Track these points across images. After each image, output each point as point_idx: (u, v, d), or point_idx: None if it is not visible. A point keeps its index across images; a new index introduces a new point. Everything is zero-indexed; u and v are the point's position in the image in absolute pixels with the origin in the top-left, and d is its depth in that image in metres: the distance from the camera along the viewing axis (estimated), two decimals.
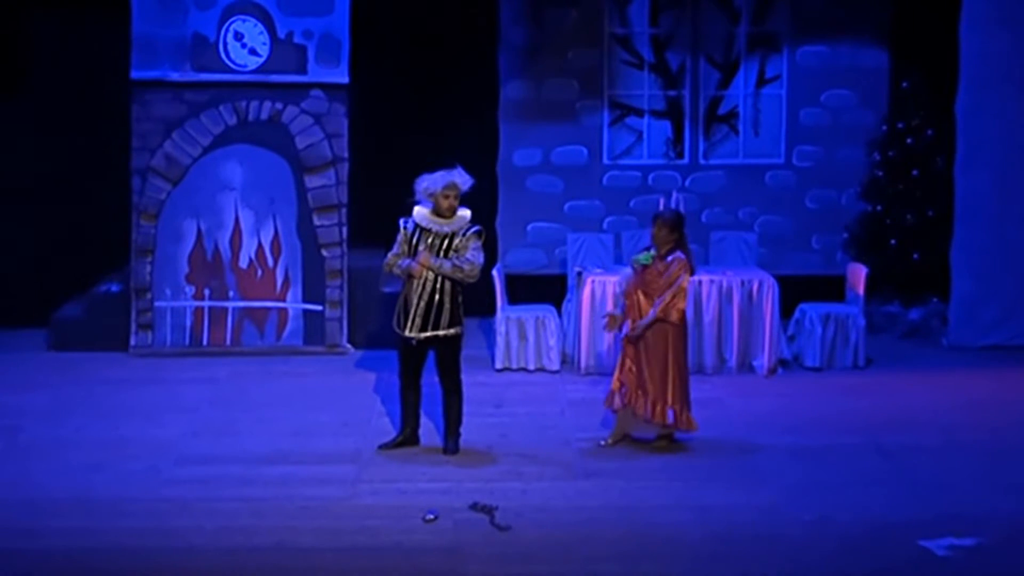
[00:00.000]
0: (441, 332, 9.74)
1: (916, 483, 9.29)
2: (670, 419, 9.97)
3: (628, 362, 10.07)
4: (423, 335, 9.73)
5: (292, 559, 7.98)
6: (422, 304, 9.71)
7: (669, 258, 9.95)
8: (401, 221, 9.91)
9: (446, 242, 9.72)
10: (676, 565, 7.92)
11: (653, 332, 9.96)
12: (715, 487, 9.22)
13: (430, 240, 9.73)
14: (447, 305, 9.74)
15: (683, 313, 10.03)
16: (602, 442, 10.19)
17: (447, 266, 9.68)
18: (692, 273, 10.07)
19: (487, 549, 8.13)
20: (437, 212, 9.76)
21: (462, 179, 9.75)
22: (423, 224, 9.78)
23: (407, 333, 9.75)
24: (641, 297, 10.00)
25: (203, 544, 8.20)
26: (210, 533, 8.37)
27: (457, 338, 9.83)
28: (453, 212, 9.75)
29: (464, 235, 9.75)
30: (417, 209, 9.84)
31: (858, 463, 9.74)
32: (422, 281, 9.71)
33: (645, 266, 9.94)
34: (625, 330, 10.13)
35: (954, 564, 7.92)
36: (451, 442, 9.90)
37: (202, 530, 8.41)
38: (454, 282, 9.73)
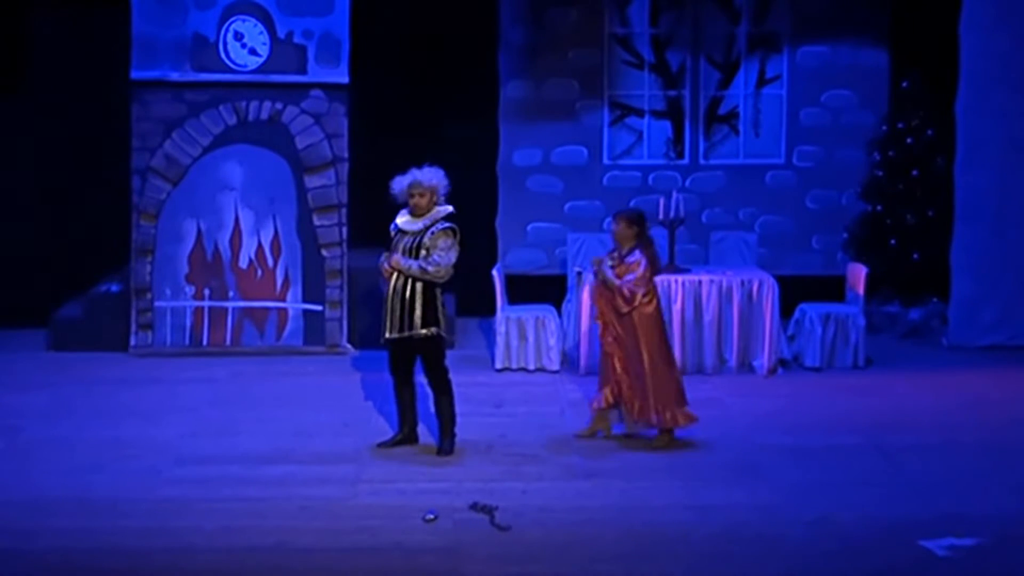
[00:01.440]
0: (415, 333, 9.73)
1: (916, 483, 9.28)
2: (654, 420, 9.97)
3: (618, 366, 10.05)
4: (398, 336, 9.73)
5: (292, 559, 7.98)
6: (395, 305, 9.71)
7: (630, 258, 9.95)
8: (392, 225, 9.94)
9: (418, 239, 9.71)
10: (676, 565, 7.92)
11: (627, 333, 9.95)
12: (715, 487, 9.21)
13: (405, 239, 9.74)
14: (419, 305, 9.70)
15: (654, 307, 10.04)
16: (576, 434, 10.24)
17: (415, 267, 9.66)
18: (657, 271, 10.06)
19: (487, 549, 8.13)
20: (412, 211, 9.78)
21: (425, 175, 9.72)
22: (399, 223, 9.81)
23: (385, 334, 9.77)
24: (605, 304, 10.04)
25: (203, 544, 8.19)
26: (210, 533, 8.37)
27: (434, 339, 9.76)
28: (424, 210, 9.74)
29: (433, 233, 9.74)
30: (401, 211, 9.87)
31: (858, 463, 9.73)
32: (394, 282, 9.72)
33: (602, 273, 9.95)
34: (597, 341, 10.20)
35: (954, 564, 7.92)
36: (446, 443, 9.89)
37: (202, 530, 8.40)
38: (426, 282, 9.73)
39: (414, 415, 10.06)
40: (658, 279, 12.22)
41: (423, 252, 9.67)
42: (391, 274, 9.71)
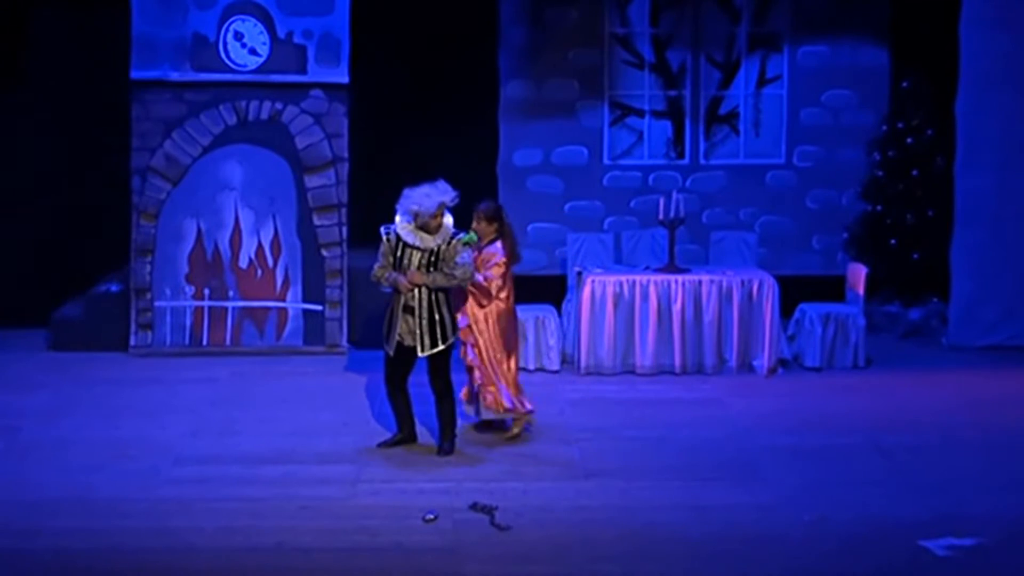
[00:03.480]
0: (446, 344, 9.80)
1: (916, 483, 9.29)
2: (507, 405, 10.14)
3: (476, 359, 10.18)
4: (434, 351, 9.76)
5: (292, 559, 7.98)
6: (424, 322, 9.71)
7: (488, 249, 10.12)
8: (383, 230, 9.85)
9: (434, 255, 9.71)
10: (676, 565, 7.92)
11: (486, 325, 10.10)
12: (715, 487, 9.22)
13: (418, 257, 9.70)
14: (447, 317, 9.79)
15: (508, 299, 10.19)
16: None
17: (440, 278, 9.67)
18: (516, 260, 10.26)
19: (487, 549, 8.14)
20: (422, 227, 9.72)
21: (449, 196, 9.68)
22: (408, 241, 9.73)
23: (421, 353, 9.74)
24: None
25: (203, 544, 8.20)
26: (210, 533, 8.37)
27: (451, 346, 9.88)
28: (440, 228, 9.74)
29: (449, 243, 9.74)
30: (399, 223, 9.76)
31: (858, 463, 9.74)
32: (419, 299, 9.68)
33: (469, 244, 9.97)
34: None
35: (954, 564, 7.92)
36: (446, 444, 9.91)
37: (202, 530, 8.41)
38: (445, 292, 9.73)
39: (412, 417, 10.08)
40: (658, 279, 12.32)
41: (441, 263, 9.69)
42: (410, 289, 9.69)
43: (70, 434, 10.44)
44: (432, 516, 8.57)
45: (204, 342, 13.10)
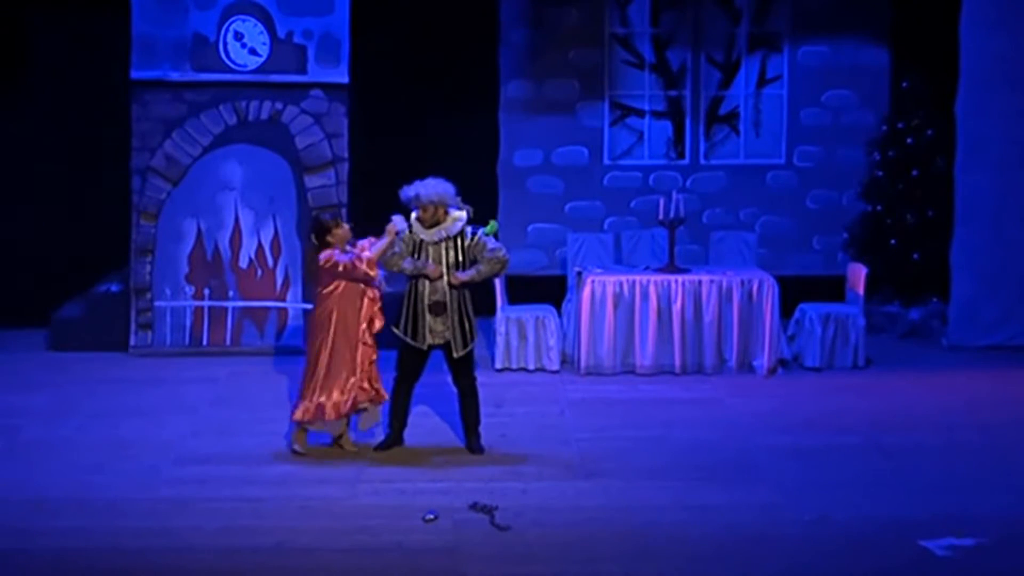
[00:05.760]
0: (474, 342, 9.89)
1: (916, 483, 9.29)
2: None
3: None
4: (466, 350, 9.83)
5: (292, 559, 7.98)
6: (455, 322, 9.76)
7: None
8: (399, 220, 9.83)
9: (455, 252, 9.74)
10: (676, 565, 7.92)
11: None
12: (715, 487, 9.22)
13: (432, 251, 9.73)
14: (471, 315, 9.86)
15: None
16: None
17: (484, 269, 9.76)
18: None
19: (487, 549, 8.14)
20: (423, 220, 9.75)
21: (426, 192, 9.67)
22: (422, 236, 9.77)
23: (456, 354, 9.79)
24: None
25: (203, 544, 8.20)
26: (210, 533, 8.37)
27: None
28: (431, 222, 9.73)
29: (474, 242, 9.80)
30: (413, 221, 9.78)
31: (858, 463, 9.74)
32: (447, 302, 9.72)
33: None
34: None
35: (954, 564, 7.92)
36: (477, 443, 9.95)
37: (202, 530, 8.41)
38: (468, 293, 9.80)
39: (407, 419, 10.09)
40: (658, 279, 12.33)
41: (470, 256, 9.76)
42: (439, 276, 9.69)
43: (70, 434, 10.45)
44: (432, 516, 8.57)
45: (204, 342, 13.10)
